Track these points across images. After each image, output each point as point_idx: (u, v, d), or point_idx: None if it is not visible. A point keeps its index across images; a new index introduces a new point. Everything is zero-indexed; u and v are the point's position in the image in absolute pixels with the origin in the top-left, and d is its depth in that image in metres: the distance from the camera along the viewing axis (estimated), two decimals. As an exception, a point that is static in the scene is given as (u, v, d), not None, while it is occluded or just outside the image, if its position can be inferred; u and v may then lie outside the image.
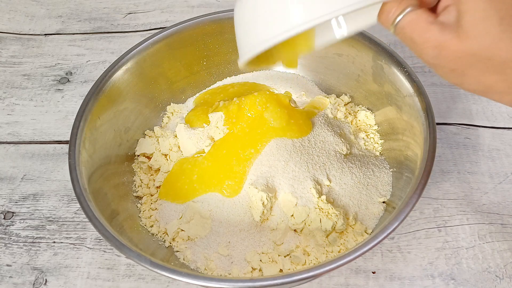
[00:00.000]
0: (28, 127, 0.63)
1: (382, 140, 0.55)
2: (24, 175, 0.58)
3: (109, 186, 0.49)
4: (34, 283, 0.49)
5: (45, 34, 0.76)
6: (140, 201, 0.52)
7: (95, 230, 0.41)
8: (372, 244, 0.38)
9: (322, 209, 0.46)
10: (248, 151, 0.48)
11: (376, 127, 0.56)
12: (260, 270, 0.45)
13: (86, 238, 0.52)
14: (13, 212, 0.55)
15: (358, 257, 0.38)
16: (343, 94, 0.59)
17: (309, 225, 0.46)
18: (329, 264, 0.37)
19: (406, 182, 0.46)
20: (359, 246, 0.38)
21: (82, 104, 0.49)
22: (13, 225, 0.54)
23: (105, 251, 0.51)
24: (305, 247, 0.46)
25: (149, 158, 0.55)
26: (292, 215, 0.47)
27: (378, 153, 0.54)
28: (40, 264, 0.50)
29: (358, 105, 0.58)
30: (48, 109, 0.65)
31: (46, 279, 0.49)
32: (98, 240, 0.52)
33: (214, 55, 0.61)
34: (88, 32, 0.76)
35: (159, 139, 0.55)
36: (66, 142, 0.61)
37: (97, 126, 0.50)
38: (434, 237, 0.50)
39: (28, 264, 0.50)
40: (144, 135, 0.57)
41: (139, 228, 0.49)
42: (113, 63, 0.53)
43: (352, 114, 0.58)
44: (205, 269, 0.45)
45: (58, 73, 0.69)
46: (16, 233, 0.53)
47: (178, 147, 0.54)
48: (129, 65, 0.54)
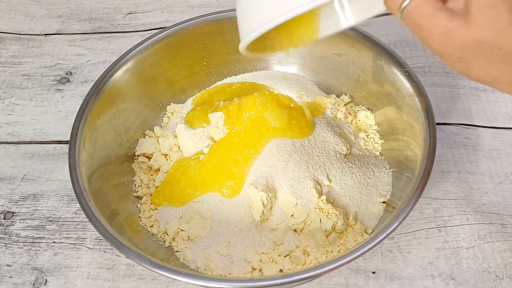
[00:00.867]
0: (28, 127, 0.63)
1: (382, 140, 0.55)
2: (24, 175, 0.58)
3: (109, 186, 0.49)
4: (34, 283, 0.49)
5: (45, 34, 0.76)
6: (140, 201, 0.52)
7: (95, 230, 0.41)
8: (372, 244, 0.38)
9: (322, 209, 0.46)
10: (248, 151, 0.48)
11: (376, 127, 0.56)
12: (260, 270, 0.45)
13: (86, 238, 0.52)
14: (13, 212, 0.55)
15: (358, 257, 0.38)
16: (343, 94, 0.59)
17: (309, 225, 0.46)
18: (329, 264, 0.37)
19: (406, 182, 0.46)
20: (359, 246, 0.38)
21: (82, 104, 0.49)
22: (13, 225, 0.54)
23: (105, 251, 0.51)
24: (305, 247, 0.46)
25: (149, 158, 0.55)
26: (292, 215, 0.47)
27: (378, 153, 0.54)
28: (40, 264, 0.50)
29: (358, 105, 0.58)
30: (48, 109, 0.65)
31: (46, 279, 0.49)
32: (98, 240, 0.52)
33: (214, 55, 0.61)
34: (88, 32, 0.76)
35: (159, 139, 0.55)
36: (66, 142, 0.61)
37: (97, 126, 0.50)
38: (434, 237, 0.50)
39: (28, 264, 0.50)
40: (144, 135, 0.57)
41: (139, 228, 0.49)
42: (113, 63, 0.53)
43: (352, 114, 0.58)
44: (205, 269, 0.45)
45: (58, 73, 0.69)
46: (16, 233, 0.53)
47: (178, 147, 0.54)
48: (129, 65, 0.54)
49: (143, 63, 0.55)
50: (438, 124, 0.59)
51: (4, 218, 0.54)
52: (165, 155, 0.54)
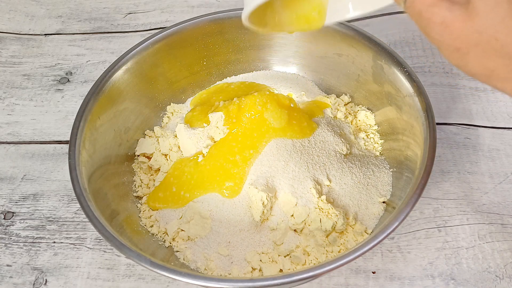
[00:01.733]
0: (28, 127, 0.63)
1: (382, 140, 0.55)
2: (24, 175, 0.58)
3: (109, 186, 0.49)
4: (34, 283, 0.49)
5: (45, 34, 0.76)
6: (140, 201, 0.52)
7: (95, 230, 0.41)
8: (372, 244, 0.38)
9: (322, 209, 0.46)
10: (248, 151, 0.48)
11: (376, 127, 0.56)
12: (260, 270, 0.45)
13: (86, 238, 0.52)
14: (13, 212, 0.55)
15: (358, 257, 0.38)
16: (343, 94, 0.59)
17: (309, 225, 0.46)
18: (329, 264, 0.37)
19: (406, 182, 0.46)
20: (359, 246, 0.38)
21: (82, 104, 0.49)
22: (13, 225, 0.54)
23: (105, 251, 0.51)
24: (305, 247, 0.46)
25: (149, 158, 0.55)
26: (292, 215, 0.47)
27: (378, 153, 0.54)
28: (40, 264, 0.50)
29: (358, 105, 0.58)
30: (48, 109, 0.65)
31: (46, 279, 0.49)
32: (98, 240, 0.52)
33: (214, 55, 0.61)
34: (88, 32, 0.76)
35: (159, 139, 0.55)
36: (66, 142, 0.61)
37: (97, 126, 0.50)
38: (434, 237, 0.50)
39: (28, 264, 0.50)
40: (144, 135, 0.57)
41: (139, 228, 0.49)
42: (113, 63, 0.53)
43: (352, 114, 0.58)
44: (205, 269, 0.45)
45: (58, 73, 0.69)
46: (16, 233, 0.53)
47: (178, 147, 0.54)
48: (129, 65, 0.54)
49: (143, 63, 0.55)
50: (438, 124, 0.59)
51: (4, 218, 0.54)
52: (165, 155, 0.54)
